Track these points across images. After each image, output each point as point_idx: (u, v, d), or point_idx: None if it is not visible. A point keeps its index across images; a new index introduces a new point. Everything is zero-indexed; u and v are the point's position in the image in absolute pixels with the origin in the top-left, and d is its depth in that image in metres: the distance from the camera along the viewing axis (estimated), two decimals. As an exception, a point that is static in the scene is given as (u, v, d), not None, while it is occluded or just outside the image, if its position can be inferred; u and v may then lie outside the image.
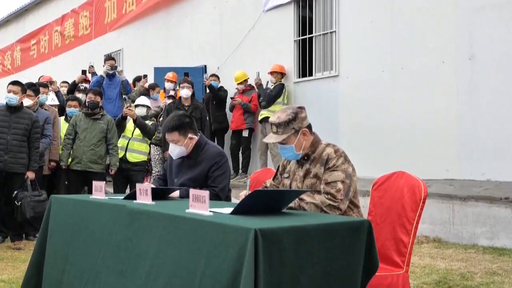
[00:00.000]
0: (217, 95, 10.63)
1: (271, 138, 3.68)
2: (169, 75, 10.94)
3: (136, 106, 8.73)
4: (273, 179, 4.02)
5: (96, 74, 11.32)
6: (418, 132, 8.22)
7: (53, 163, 7.93)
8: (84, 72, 11.94)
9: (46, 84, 9.15)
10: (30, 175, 6.96)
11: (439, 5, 8.03)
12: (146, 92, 10.53)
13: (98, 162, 7.85)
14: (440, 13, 8.02)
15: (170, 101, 9.90)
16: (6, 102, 6.82)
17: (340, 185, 3.48)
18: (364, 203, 3.86)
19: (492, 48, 7.44)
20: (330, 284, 2.69)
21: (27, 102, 7.53)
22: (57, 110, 8.67)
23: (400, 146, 8.39)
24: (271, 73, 10.13)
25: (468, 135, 7.64)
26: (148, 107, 9.05)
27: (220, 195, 4.36)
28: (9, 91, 6.80)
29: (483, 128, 7.48)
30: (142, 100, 9.13)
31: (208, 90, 10.90)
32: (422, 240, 7.07)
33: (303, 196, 3.47)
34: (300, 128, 3.63)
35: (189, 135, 4.43)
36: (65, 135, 7.89)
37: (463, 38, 7.74)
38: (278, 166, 4.01)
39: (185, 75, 10.61)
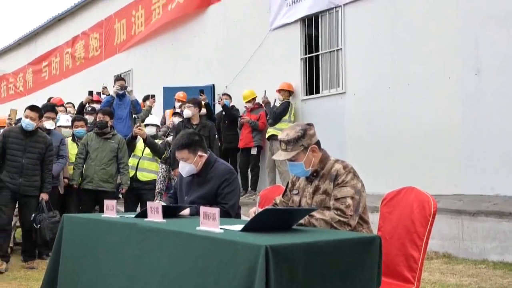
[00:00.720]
0: (231, 114, 10.66)
1: (280, 156, 3.66)
2: (179, 94, 10.97)
3: (146, 125, 8.73)
4: (282, 196, 4.00)
5: (110, 95, 11.36)
6: (426, 147, 8.18)
7: (66, 180, 7.93)
8: (90, 93, 11.84)
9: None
10: (45, 196, 6.96)
11: (444, 15, 8.02)
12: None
13: (109, 181, 7.85)
14: (444, 28, 8.02)
15: (176, 118, 9.92)
16: (23, 127, 6.82)
17: (349, 201, 3.45)
18: (373, 219, 3.83)
19: (498, 62, 7.41)
20: (343, 303, 2.67)
21: (51, 125, 7.59)
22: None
23: (408, 162, 8.35)
24: (279, 91, 10.14)
25: (476, 150, 7.60)
26: (158, 126, 9.07)
27: (230, 212, 4.33)
28: (26, 117, 6.79)
29: (491, 143, 7.44)
30: (152, 119, 9.15)
31: (206, 108, 10.93)
32: (431, 256, 7.01)
33: (313, 213, 3.44)
34: (309, 145, 3.61)
35: (199, 153, 4.42)
36: (76, 155, 7.87)
37: (468, 54, 7.73)
38: (288, 183, 3.99)
39: (200, 92, 10.65)
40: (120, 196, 8.39)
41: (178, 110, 10.33)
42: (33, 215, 6.82)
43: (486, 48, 7.56)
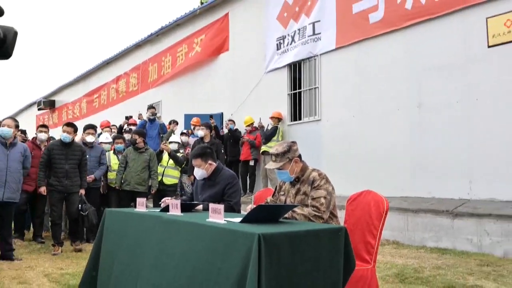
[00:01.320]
0: (235, 135, 10.64)
1: (271, 165, 3.67)
2: (194, 119, 11.05)
3: (170, 142, 8.72)
4: (272, 196, 3.97)
5: (144, 120, 11.39)
6: (380, 161, 8.17)
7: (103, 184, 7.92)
8: (127, 117, 12.26)
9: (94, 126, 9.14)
10: (83, 192, 6.90)
11: (396, 65, 8.05)
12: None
13: (142, 184, 7.82)
14: (396, 72, 8.04)
15: (183, 137, 10.00)
16: (62, 139, 6.77)
17: (323, 200, 3.44)
18: (341, 214, 3.78)
19: (435, 97, 7.42)
20: (318, 278, 2.62)
21: (91, 138, 7.54)
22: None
23: (367, 171, 8.33)
24: (271, 118, 10.13)
25: (418, 163, 7.59)
26: (179, 143, 9.02)
27: (234, 207, 4.29)
28: (64, 131, 6.76)
29: (430, 157, 7.43)
30: (174, 138, 9.11)
31: (214, 130, 10.94)
32: (384, 242, 6.97)
33: (295, 209, 3.42)
34: (293, 158, 3.62)
35: (209, 162, 4.40)
36: (119, 164, 7.84)
37: (413, 91, 7.74)
38: (276, 186, 3.97)
39: (210, 117, 10.69)
40: (150, 195, 8.34)
41: (184, 131, 10.44)
42: (79, 205, 6.76)
43: (426, 88, 7.57)
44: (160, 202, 4.39)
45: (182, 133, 10.30)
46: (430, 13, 7.46)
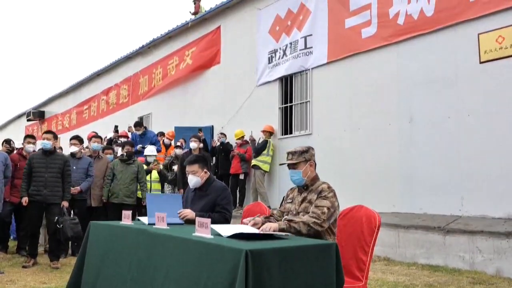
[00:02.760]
0: (226, 149, 10.55)
1: (287, 161, 3.64)
2: (169, 133, 11.35)
3: (148, 156, 8.81)
4: (279, 207, 3.91)
5: (133, 132, 11.37)
6: (372, 176, 8.12)
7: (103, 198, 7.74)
8: (116, 127, 12.44)
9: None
10: (65, 204, 6.70)
11: (388, 80, 8.05)
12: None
13: (131, 196, 7.73)
14: (387, 86, 8.04)
15: (178, 150, 9.91)
16: (42, 147, 6.64)
17: (325, 210, 3.35)
18: (331, 229, 3.70)
19: (427, 113, 7.41)
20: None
21: (73, 149, 7.40)
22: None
23: (358, 186, 8.27)
24: (263, 131, 10.07)
25: (409, 179, 7.54)
26: (155, 156, 9.12)
27: (229, 219, 4.18)
28: (44, 138, 6.64)
29: (421, 173, 7.39)
30: (151, 151, 9.12)
31: (203, 143, 10.90)
32: (375, 259, 6.88)
33: (293, 218, 3.35)
34: (309, 160, 3.63)
35: (205, 170, 4.31)
36: (105, 177, 7.70)
37: (404, 106, 7.73)
38: (283, 197, 3.93)
39: (199, 130, 10.63)
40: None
41: (178, 143, 10.34)
42: (56, 218, 6.59)
43: (418, 103, 7.56)
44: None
45: (176, 146, 10.19)
46: (422, 28, 7.49)
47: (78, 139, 7.57)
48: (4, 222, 7.30)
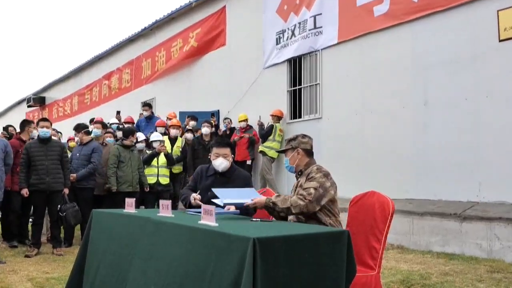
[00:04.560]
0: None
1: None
2: (172, 114, 11.16)
3: (154, 141, 8.61)
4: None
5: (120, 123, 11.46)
6: (384, 161, 8.08)
7: (107, 186, 7.64)
8: (118, 112, 12.54)
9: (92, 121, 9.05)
10: (66, 190, 6.80)
11: (401, 60, 7.95)
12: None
13: (138, 183, 7.80)
14: (401, 67, 7.95)
15: (188, 134, 9.85)
16: (40, 136, 6.66)
17: (312, 190, 3.45)
18: (343, 217, 3.70)
19: (443, 94, 7.33)
20: (318, 286, 2.54)
21: (95, 132, 7.49)
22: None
23: (369, 172, 8.24)
24: (272, 115, 10.04)
25: (424, 164, 7.49)
26: (161, 141, 8.81)
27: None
28: (42, 127, 6.66)
29: (436, 157, 7.33)
30: (156, 136, 8.90)
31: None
32: (388, 247, 6.86)
33: (277, 202, 3.47)
34: (296, 147, 3.74)
35: (232, 155, 4.34)
36: (111, 164, 7.56)
37: (419, 87, 7.65)
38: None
39: (212, 115, 10.61)
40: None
41: (190, 127, 10.24)
42: (59, 206, 6.64)
43: (433, 84, 7.47)
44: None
45: (187, 130, 10.18)
46: (438, 5, 7.37)
47: (77, 129, 7.62)
48: (19, 214, 7.29)
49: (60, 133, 10.69)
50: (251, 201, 3.53)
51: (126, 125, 10.97)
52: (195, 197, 3.90)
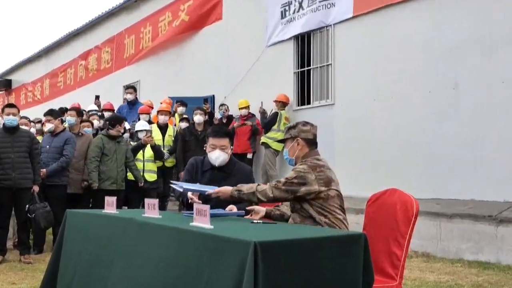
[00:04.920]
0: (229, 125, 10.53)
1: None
2: (166, 100, 11.03)
3: (138, 131, 8.61)
4: None
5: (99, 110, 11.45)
6: (407, 154, 8.08)
7: (86, 183, 7.67)
8: (97, 97, 12.51)
9: (67, 109, 9.00)
10: (36, 188, 6.78)
11: (426, 38, 7.94)
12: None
13: (124, 180, 7.80)
14: (426, 46, 7.94)
15: (183, 123, 9.85)
16: (6, 124, 6.65)
17: (283, 180, 3.57)
18: (358, 220, 3.70)
19: (475, 77, 7.31)
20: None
21: (47, 127, 7.42)
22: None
23: (389, 167, 8.25)
24: (276, 101, 10.05)
25: (453, 157, 7.50)
26: (148, 130, 8.83)
27: None
28: (7, 114, 6.64)
29: (467, 151, 7.34)
30: (143, 125, 8.86)
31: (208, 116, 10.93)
32: (411, 254, 6.88)
33: (242, 188, 3.61)
34: (296, 137, 3.77)
35: (231, 147, 4.34)
36: (93, 157, 7.57)
37: (447, 69, 7.64)
38: None
39: (205, 101, 10.62)
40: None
41: (185, 116, 10.21)
42: (27, 206, 6.64)
43: (464, 66, 7.46)
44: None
45: (182, 119, 10.20)
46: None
47: (52, 114, 7.58)
48: None
49: (33, 121, 10.60)
50: (214, 190, 3.68)
51: (105, 114, 10.96)
52: (191, 196, 3.89)
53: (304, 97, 10.16)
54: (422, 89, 7.93)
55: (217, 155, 4.22)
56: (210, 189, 3.71)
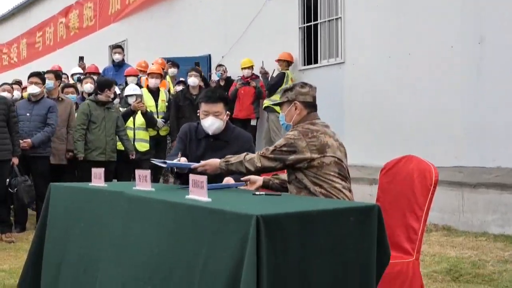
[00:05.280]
0: (228, 87, 10.48)
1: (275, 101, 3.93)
2: (158, 61, 10.91)
3: (128, 96, 8.56)
4: None
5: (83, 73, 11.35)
6: (426, 118, 8.05)
7: (71, 153, 7.75)
8: (81, 58, 12.40)
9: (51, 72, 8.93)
10: (15, 160, 6.81)
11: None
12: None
13: (114, 151, 7.85)
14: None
15: (179, 86, 9.85)
16: None
17: (271, 148, 3.62)
18: (371, 191, 3.73)
19: (502, 31, 7.25)
20: (341, 276, 2.58)
21: (33, 89, 7.41)
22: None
23: (407, 133, 8.23)
24: (278, 61, 10.00)
25: (477, 121, 7.47)
26: (139, 95, 8.79)
27: None
28: None
29: (493, 113, 7.30)
30: (134, 89, 8.79)
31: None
32: (431, 228, 6.94)
33: (230, 159, 3.71)
34: (293, 100, 3.76)
35: (227, 112, 4.34)
36: (78, 125, 7.63)
37: (472, 22, 7.56)
38: None
39: (196, 65, 10.58)
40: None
41: (182, 78, 10.19)
42: (7, 180, 6.68)
43: (490, 17, 7.38)
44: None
45: (179, 82, 10.18)
46: None
47: (39, 76, 7.57)
48: None
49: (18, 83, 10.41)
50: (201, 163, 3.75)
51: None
52: (179, 159, 3.93)
53: (310, 56, 10.10)
54: (445, 44, 7.86)
55: (210, 122, 4.23)
56: (196, 164, 3.76)
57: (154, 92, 9.27)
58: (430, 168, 3.48)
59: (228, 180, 3.95)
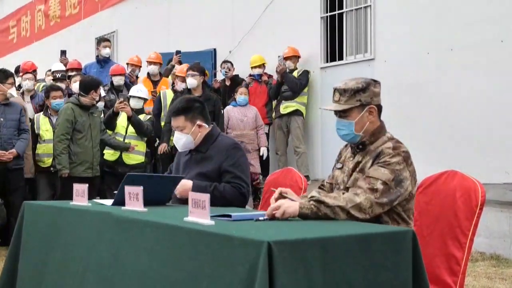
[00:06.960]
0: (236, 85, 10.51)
1: (331, 106, 3.55)
2: (151, 55, 10.98)
3: (131, 97, 8.53)
4: (329, 177, 3.80)
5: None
6: (471, 125, 8.06)
7: (52, 169, 7.73)
8: (63, 53, 12.28)
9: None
10: None
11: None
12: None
13: (99, 164, 7.83)
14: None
15: (182, 84, 9.91)
16: None
17: (380, 186, 3.20)
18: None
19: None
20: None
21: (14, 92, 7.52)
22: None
23: (449, 142, 8.24)
24: (286, 58, 10.06)
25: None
26: (145, 99, 8.84)
27: (246, 194, 4.25)
28: None
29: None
30: (139, 90, 8.79)
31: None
32: (477, 257, 6.92)
33: (326, 199, 3.16)
34: (368, 104, 3.52)
35: (198, 122, 4.34)
36: (62, 135, 7.46)
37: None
38: (336, 159, 3.80)
39: (176, 52, 10.75)
40: None
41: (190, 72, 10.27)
42: None
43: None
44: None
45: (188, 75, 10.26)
46: None
47: (11, 76, 7.67)
48: None
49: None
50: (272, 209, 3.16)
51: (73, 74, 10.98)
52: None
53: (334, 51, 10.13)
54: (495, 38, 7.87)
55: (176, 139, 4.40)
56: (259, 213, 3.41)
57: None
58: (476, 187, 3.46)
59: (185, 184, 4.01)
